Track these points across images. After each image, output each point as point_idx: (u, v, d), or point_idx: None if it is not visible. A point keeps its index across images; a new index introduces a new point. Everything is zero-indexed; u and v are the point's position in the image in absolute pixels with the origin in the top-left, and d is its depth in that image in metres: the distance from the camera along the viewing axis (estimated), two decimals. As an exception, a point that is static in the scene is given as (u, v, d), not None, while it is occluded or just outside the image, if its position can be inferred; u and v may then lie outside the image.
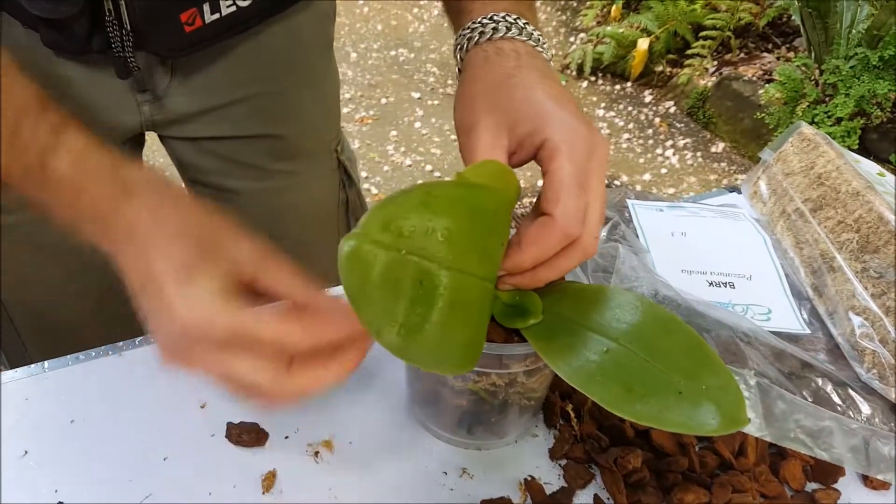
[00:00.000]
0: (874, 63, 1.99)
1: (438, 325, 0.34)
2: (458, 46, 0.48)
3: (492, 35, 0.46)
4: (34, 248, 0.66)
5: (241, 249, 0.38)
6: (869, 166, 0.68)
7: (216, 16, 0.56)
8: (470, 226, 0.36)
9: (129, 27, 0.54)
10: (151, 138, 0.71)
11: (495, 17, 0.46)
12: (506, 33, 0.46)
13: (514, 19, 0.46)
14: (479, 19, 0.47)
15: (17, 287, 0.68)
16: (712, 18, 2.58)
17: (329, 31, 0.73)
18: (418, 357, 0.34)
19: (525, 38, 0.46)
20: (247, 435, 0.48)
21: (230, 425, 0.49)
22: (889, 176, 0.66)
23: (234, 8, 0.57)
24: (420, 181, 2.22)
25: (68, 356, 0.52)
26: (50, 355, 0.53)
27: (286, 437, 0.49)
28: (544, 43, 0.47)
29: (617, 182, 2.28)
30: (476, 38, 0.47)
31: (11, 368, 0.53)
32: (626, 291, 0.42)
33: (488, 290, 0.39)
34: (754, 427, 0.48)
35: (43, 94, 0.41)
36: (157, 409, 0.50)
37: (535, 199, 0.41)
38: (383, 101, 2.61)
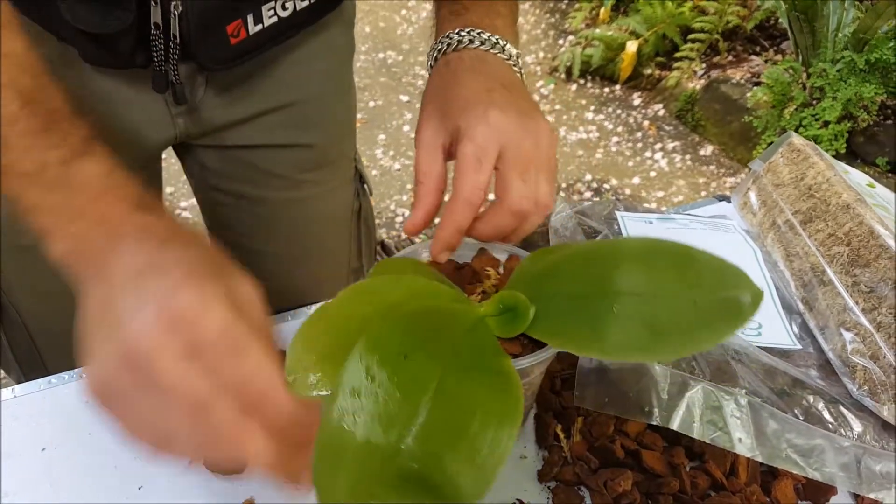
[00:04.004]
0: (860, 66, 2.00)
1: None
2: (428, 65, 0.55)
3: (446, 49, 0.52)
4: (52, 265, 0.64)
5: (241, 285, 0.36)
6: (859, 177, 0.67)
7: (259, 27, 0.57)
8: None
9: (178, 40, 0.54)
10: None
11: (451, 35, 0.52)
12: (457, 46, 0.52)
13: (468, 31, 0.52)
14: (440, 38, 0.53)
15: (35, 303, 0.68)
16: (700, 21, 2.58)
17: (352, 39, 0.74)
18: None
19: (477, 45, 0.51)
20: (225, 462, 0.46)
21: (208, 451, 0.47)
22: (879, 188, 0.66)
23: (275, 18, 0.58)
24: (409, 186, 2.22)
25: (40, 380, 0.51)
26: (68, 369, 0.53)
27: (267, 463, 0.48)
28: (502, 44, 0.52)
29: (606, 185, 2.27)
30: (436, 55, 0.53)
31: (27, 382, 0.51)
32: (600, 242, 0.42)
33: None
34: (745, 447, 0.47)
35: (76, 105, 0.41)
36: (132, 434, 0.48)
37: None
38: (371, 104, 2.60)
